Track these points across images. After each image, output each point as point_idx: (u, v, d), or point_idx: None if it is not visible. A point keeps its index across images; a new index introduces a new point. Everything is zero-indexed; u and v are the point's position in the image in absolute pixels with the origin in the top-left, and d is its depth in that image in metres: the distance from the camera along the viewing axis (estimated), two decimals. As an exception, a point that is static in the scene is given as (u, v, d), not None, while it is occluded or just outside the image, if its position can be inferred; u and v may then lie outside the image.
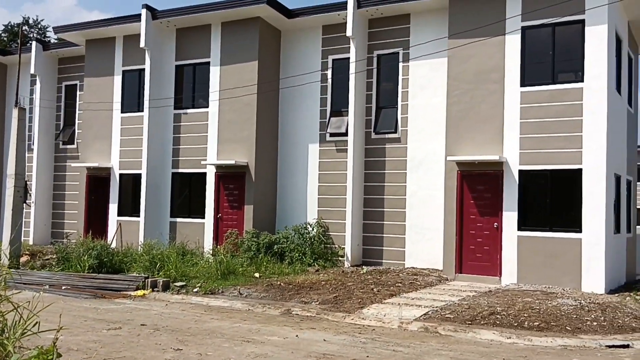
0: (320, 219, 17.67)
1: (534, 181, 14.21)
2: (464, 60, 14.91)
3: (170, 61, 19.71)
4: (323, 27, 18.36)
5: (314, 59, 18.45)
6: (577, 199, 13.62)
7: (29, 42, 34.74)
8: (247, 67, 18.19)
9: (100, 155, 20.65)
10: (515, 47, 14.42)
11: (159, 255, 15.14)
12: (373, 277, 14.58)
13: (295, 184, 18.52)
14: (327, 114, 18.11)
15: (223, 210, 18.53)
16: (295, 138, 18.63)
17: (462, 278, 14.68)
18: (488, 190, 14.72)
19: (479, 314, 10.59)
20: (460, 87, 14.97)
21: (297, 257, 16.43)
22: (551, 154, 13.92)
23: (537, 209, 14.15)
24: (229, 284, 13.61)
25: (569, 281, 13.47)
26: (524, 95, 14.29)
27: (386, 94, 17.47)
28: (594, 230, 13.39)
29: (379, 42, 17.52)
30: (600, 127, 13.46)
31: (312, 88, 18.28)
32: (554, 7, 13.80)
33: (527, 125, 14.20)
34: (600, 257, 13.29)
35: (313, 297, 12.26)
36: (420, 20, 16.93)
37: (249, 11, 17.91)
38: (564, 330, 9.87)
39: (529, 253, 14.02)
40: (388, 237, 17.01)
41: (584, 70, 13.70)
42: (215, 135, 18.67)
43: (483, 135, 14.68)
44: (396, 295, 12.42)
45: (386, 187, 17.13)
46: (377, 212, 17.22)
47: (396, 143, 17.08)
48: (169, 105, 19.49)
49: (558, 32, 14.11)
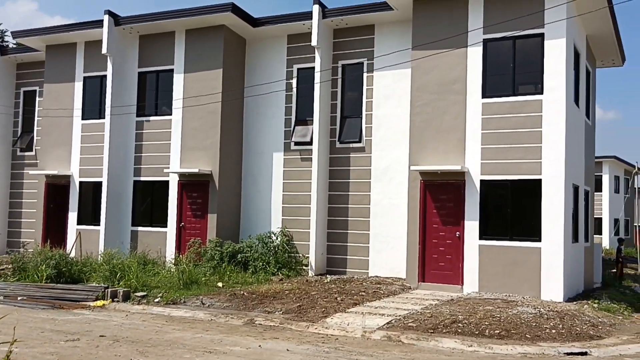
0: (285, 228, 17.63)
1: (495, 191, 14.43)
2: (427, 71, 15.10)
3: (133, 68, 19.46)
4: (288, 36, 18.39)
5: (279, 68, 18.45)
6: (537, 209, 13.87)
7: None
8: (212, 75, 18.08)
9: (60, 162, 20.21)
10: (477, 59, 14.67)
11: (119, 264, 14.86)
12: (337, 286, 14.58)
13: (260, 192, 18.44)
14: (292, 123, 18.11)
15: (186, 219, 18.32)
16: (260, 147, 18.57)
17: (425, 287, 14.79)
18: (450, 200, 14.89)
19: (441, 322, 10.68)
20: (423, 97, 15.15)
21: (260, 266, 16.33)
22: (512, 164, 14.17)
23: (498, 219, 14.37)
24: (192, 293, 13.43)
25: (528, 289, 13.70)
26: (485, 106, 14.54)
27: (351, 103, 17.57)
28: (553, 240, 13.66)
29: (344, 52, 17.63)
30: (559, 139, 13.76)
31: (277, 97, 18.27)
32: (515, 21, 14.10)
33: (488, 136, 14.43)
34: (559, 266, 13.55)
35: (276, 307, 12.19)
36: (384, 31, 17.11)
37: (214, 19, 17.83)
38: (523, 338, 10.01)
39: (490, 262, 14.21)
40: (352, 246, 17.07)
41: (544, 83, 14.01)
42: (178, 143, 18.48)
43: (446, 145, 14.86)
44: (360, 304, 12.44)
45: (350, 196, 17.19)
46: (341, 221, 17.26)
47: (360, 152, 17.17)
48: (131, 113, 19.22)
49: (518, 45, 14.41)
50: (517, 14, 14.17)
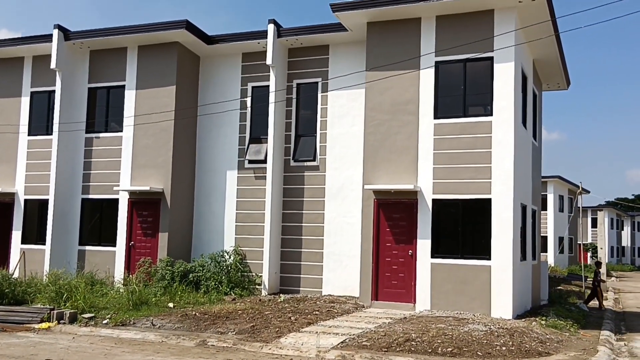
0: (238, 247, 17.47)
1: (446, 210, 14.68)
2: (381, 92, 15.33)
3: (83, 83, 19.08)
4: (243, 54, 18.39)
5: (233, 86, 18.40)
6: (487, 228, 14.17)
7: None
8: (164, 92, 17.88)
9: (4, 179, 19.56)
10: (429, 80, 14.97)
11: (66, 285, 14.38)
12: (291, 305, 14.49)
13: (213, 211, 18.24)
14: (246, 141, 18.05)
15: (136, 238, 17.94)
16: (213, 164, 18.41)
17: (378, 305, 14.86)
18: (403, 219, 15.06)
19: (395, 340, 10.72)
20: (377, 117, 15.35)
21: (213, 285, 16.10)
22: (462, 184, 14.46)
23: (449, 237, 14.61)
24: (142, 314, 13.10)
25: (479, 307, 13.93)
26: (437, 127, 14.82)
27: (305, 122, 17.65)
28: (502, 258, 13.95)
29: (299, 71, 17.74)
30: (508, 159, 14.14)
31: (231, 115, 18.19)
32: (466, 45, 14.49)
33: (440, 156, 14.70)
34: (508, 284, 13.84)
35: (230, 327, 12.01)
36: (338, 51, 17.30)
37: (168, 36, 17.68)
38: (475, 355, 10.14)
39: (442, 280, 14.40)
40: (306, 264, 17.03)
41: (493, 105, 14.40)
42: (129, 160, 18.14)
43: (399, 164, 15.06)
44: (314, 324, 12.38)
45: (304, 214, 17.19)
46: (295, 239, 17.22)
47: (315, 171, 17.22)
48: (80, 130, 18.79)
49: (469, 67, 14.80)
50: (468, 38, 14.58)
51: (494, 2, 14.22)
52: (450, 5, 14.52)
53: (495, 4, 14.32)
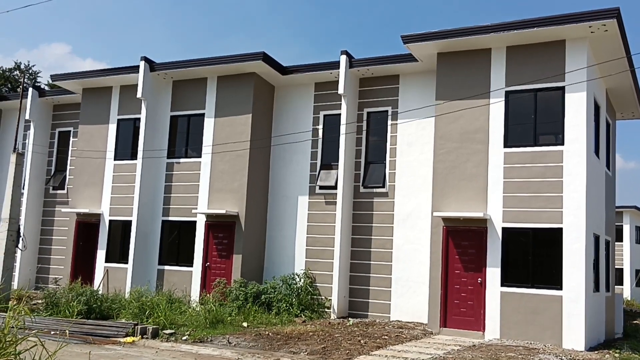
0: (308, 270, 17.96)
1: (516, 239, 14.69)
2: (451, 120, 15.59)
3: (166, 111, 20.23)
4: (315, 84, 19.09)
5: (306, 114, 19.09)
6: (558, 257, 14.09)
7: (18, 88, 35.32)
8: (241, 120, 18.75)
9: (91, 201, 20.86)
10: (499, 110, 15.13)
11: (148, 302, 15.25)
12: (359, 329, 14.80)
13: (284, 235, 18.85)
14: (317, 167, 18.63)
15: (211, 259, 18.74)
16: (286, 190, 19.07)
17: (446, 332, 14.95)
18: (472, 246, 15.15)
19: (464, 367, 10.87)
20: (446, 146, 15.60)
21: (284, 307, 16.61)
22: (533, 213, 14.46)
23: (519, 266, 14.58)
24: (218, 332, 13.74)
25: (550, 337, 13.80)
26: (507, 155, 14.93)
27: (375, 149, 18.08)
28: (573, 288, 13.82)
29: (369, 100, 18.25)
30: (580, 189, 14.07)
31: (304, 142, 18.84)
32: (536, 74, 14.62)
33: (510, 185, 14.78)
34: (580, 315, 13.67)
35: (301, 347, 12.45)
36: (408, 80, 17.72)
37: (245, 67, 18.59)
38: (546, 385, 10.16)
39: (511, 309, 14.36)
40: (374, 289, 17.32)
41: (564, 134, 14.40)
42: (206, 184, 19.05)
43: (468, 192, 15.22)
44: (383, 348, 12.65)
45: (373, 240, 17.53)
46: (364, 264, 17.56)
47: (384, 197, 17.58)
48: (162, 157, 19.89)
49: (540, 97, 14.87)
50: (539, 68, 14.70)
51: (565, 32, 14.30)
52: (521, 36, 14.70)
53: (568, 35, 14.40)
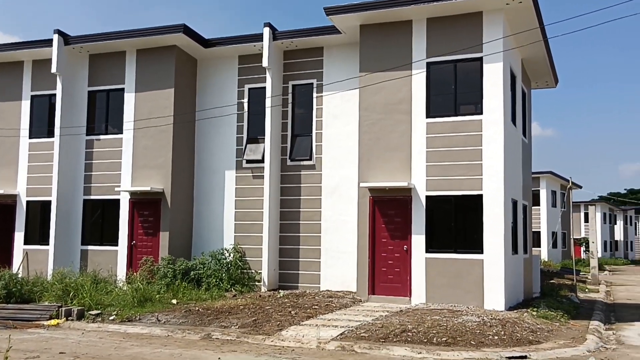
0: (237, 245, 17.90)
1: (439, 206, 15.15)
2: (375, 92, 15.77)
3: (83, 87, 19.45)
4: (239, 57, 18.80)
5: (230, 88, 18.82)
6: (479, 223, 14.65)
7: None
8: (163, 94, 18.28)
9: (5, 182, 19.91)
10: (421, 81, 15.43)
11: (72, 283, 14.82)
12: (290, 300, 14.95)
13: (212, 210, 18.67)
14: (243, 141, 18.47)
15: (137, 237, 18.35)
16: (212, 164, 18.83)
17: (375, 299, 15.32)
18: (398, 215, 15.52)
19: (392, 332, 11.19)
20: (371, 117, 15.79)
21: (214, 282, 16.54)
22: (455, 181, 14.93)
23: (443, 232, 15.08)
24: (146, 310, 13.54)
25: (472, 299, 14.40)
26: (429, 125, 15.28)
27: (301, 122, 18.09)
28: (493, 251, 14.44)
29: (294, 72, 18.17)
30: (498, 156, 14.61)
31: (229, 116, 18.61)
32: (456, 45, 14.97)
33: (432, 154, 15.17)
34: (500, 276, 14.32)
35: (232, 321, 12.46)
36: (333, 53, 17.74)
37: (165, 39, 18.08)
38: (468, 345, 10.62)
39: (436, 274, 14.87)
40: (304, 261, 17.48)
41: (483, 104, 14.87)
42: (129, 161, 18.54)
43: (393, 162, 15.52)
44: (313, 317, 12.85)
45: (302, 212, 17.64)
46: (293, 237, 17.67)
47: (311, 170, 17.67)
48: (80, 134, 19.16)
49: (459, 68, 15.26)
50: (458, 39, 15.05)
51: (482, 4, 14.68)
52: (440, 8, 14.98)
53: (484, 6, 14.79)
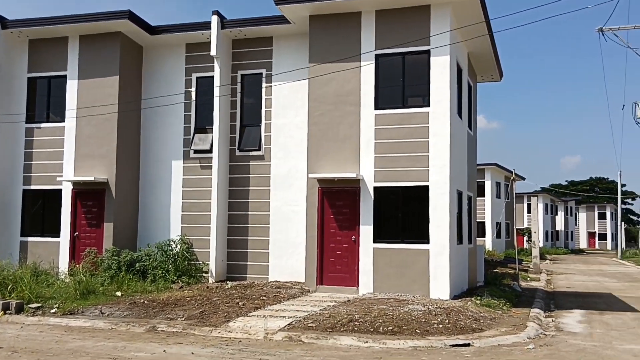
0: (184, 236, 17.66)
1: (387, 197, 15.31)
2: (324, 83, 15.78)
3: (22, 73, 18.76)
4: (187, 45, 18.47)
5: (177, 76, 18.48)
6: (425, 213, 14.88)
7: None
8: (107, 82, 17.81)
9: (-60, 171, 19.03)
10: (369, 72, 15.51)
11: (10, 276, 14.30)
12: (238, 291, 14.87)
13: (159, 200, 18.35)
14: (191, 131, 18.20)
15: (80, 229, 17.88)
16: (158, 154, 18.48)
17: (323, 289, 15.40)
18: (346, 206, 15.61)
19: (339, 321, 11.27)
20: (320, 108, 15.80)
21: (160, 274, 16.28)
22: (402, 172, 15.11)
23: (390, 223, 15.25)
24: (89, 303, 13.22)
25: (418, 289, 14.65)
26: (377, 117, 15.40)
27: (250, 112, 17.94)
28: (439, 241, 14.70)
29: (243, 62, 17.98)
30: (444, 148, 14.86)
31: (176, 105, 18.27)
32: (404, 38, 15.11)
33: (380, 145, 15.30)
34: (445, 266, 14.61)
35: (178, 313, 12.30)
36: (282, 43, 17.63)
37: (110, 26, 17.60)
38: (414, 333, 10.79)
39: (383, 264, 15.04)
40: (252, 252, 17.40)
41: (430, 96, 15.08)
42: (72, 150, 18.02)
43: (342, 153, 15.58)
44: (261, 308, 12.81)
45: (250, 203, 17.53)
46: (242, 228, 17.55)
47: (260, 160, 17.57)
48: (20, 122, 18.49)
49: (407, 60, 15.41)
50: (406, 32, 15.20)
51: (430, -3, 14.86)
52: (389, 0, 15.07)
53: (431, 0, 14.96)
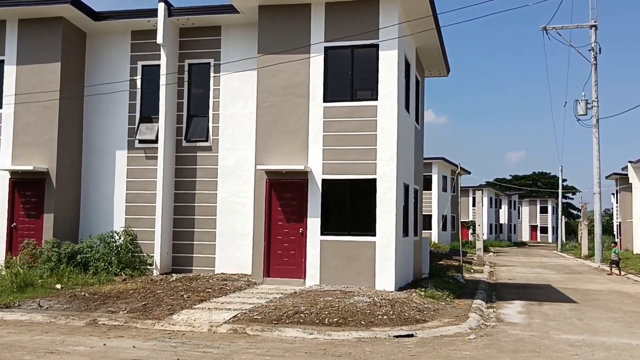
0: (128, 227, 17.29)
1: (335, 190, 15.35)
2: (273, 74, 15.67)
3: (-43, 56, 17.94)
4: (132, 32, 18.03)
5: (122, 64, 18.03)
6: (372, 206, 14.99)
7: None
8: (48, 68, 17.22)
9: None
10: (319, 65, 15.49)
11: (-59, 269, 13.73)
12: (183, 284, 14.66)
13: (102, 191, 17.88)
14: (136, 121, 17.79)
15: (18, 219, 17.27)
16: (102, 144, 18.01)
17: (270, 282, 15.35)
18: (294, 198, 15.58)
19: (285, 313, 11.25)
20: (268, 99, 15.69)
21: (102, 266, 15.92)
22: (350, 165, 15.17)
23: (338, 215, 15.31)
24: (27, 296, 12.78)
25: (364, 280, 14.77)
26: (326, 110, 15.40)
27: (198, 102, 17.67)
28: (385, 234, 14.85)
29: (191, 51, 17.68)
30: (392, 141, 14.99)
31: (121, 93, 17.84)
32: (353, 31, 15.13)
33: (329, 138, 15.32)
34: (391, 258, 14.77)
35: (121, 306, 12.04)
36: (231, 33, 17.41)
37: (51, 10, 17.00)
38: (359, 325, 10.88)
39: (330, 256, 15.10)
40: (198, 244, 17.18)
41: (378, 90, 15.16)
42: (9, 138, 17.37)
43: (290, 145, 15.53)
44: (206, 301, 12.67)
45: (197, 194, 17.29)
46: (188, 219, 17.30)
47: (207, 151, 17.33)
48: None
49: (356, 53, 15.45)
50: (355, 25, 15.21)
51: (379, -9, 14.91)
52: (333, -7, 15.06)
53: (381, -7, 15.04)
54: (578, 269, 31.57)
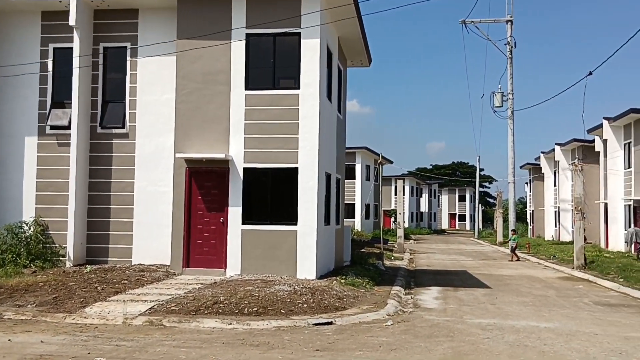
0: (39, 217, 16.50)
1: (257, 178, 15.22)
2: (193, 60, 15.31)
3: None
4: (43, 12, 17.09)
5: (32, 46, 17.08)
6: (294, 195, 14.97)
7: None
8: (-50, 48, 16.12)
9: None
10: (240, 52, 15.26)
11: None
12: (97, 275, 14.15)
13: (9, 179, 16.93)
14: (47, 106, 16.95)
15: None
16: (10, 129, 17.04)
17: (189, 272, 15.07)
18: (215, 187, 15.35)
19: (203, 304, 11.08)
20: (188, 86, 15.33)
21: (10, 258, 15.14)
22: (272, 154, 15.07)
23: (259, 204, 15.19)
24: None
25: (286, 269, 14.75)
26: (248, 98, 15.21)
27: (114, 88, 17.01)
28: (307, 223, 14.87)
29: (106, 34, 16.98)
30: (313, 130, 15.00)
31: (30, 77, 16.91)
32: (275, 18, 14.98)
33: (250, 126, 15.15)
34: (312, 247, 14.82)
35: (29, 300, 11.49)
36: (149, 16, 16.83)
37: (-47, -15, 15.90)
38: (279, 314, 10.87)
39: (252, 245, 14.98)
40: (114, 234, 16.61)
41: (300, 78, 15.12)
42: None
43: (211, 133, 15.25)
44: (122, 292, 12.29)
45: (113, 183, 16.70)
46: (103, 209, 16.69)
47: (124, 138, 16.75)
48: None
49: (279, 41, 15.33)
50: (277, 12, 15.07)
51: (298, -21, 14.82)
52: (261, -21, 14.87)
53: (303, -19, 14.95)
54: (493, 255, 32.92)
